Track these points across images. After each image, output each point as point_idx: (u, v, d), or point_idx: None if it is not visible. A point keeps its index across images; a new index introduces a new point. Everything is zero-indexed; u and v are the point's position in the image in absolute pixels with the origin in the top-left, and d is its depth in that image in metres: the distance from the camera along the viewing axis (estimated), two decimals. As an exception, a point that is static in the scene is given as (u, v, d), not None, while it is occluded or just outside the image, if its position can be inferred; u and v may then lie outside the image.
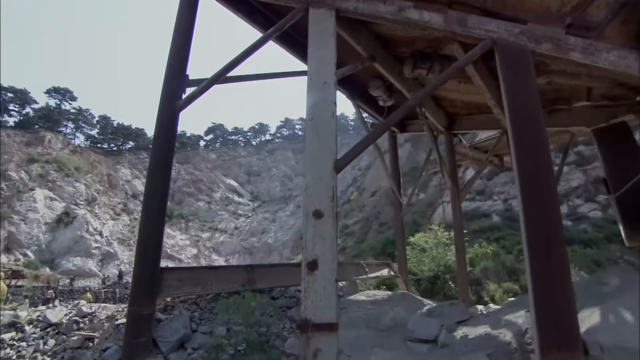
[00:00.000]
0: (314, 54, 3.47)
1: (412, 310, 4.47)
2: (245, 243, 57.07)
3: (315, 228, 2.90)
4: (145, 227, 3.24)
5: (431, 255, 17.33)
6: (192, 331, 3.19)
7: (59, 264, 39.81)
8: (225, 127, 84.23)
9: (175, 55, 4.07)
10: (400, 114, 3.29)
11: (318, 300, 2.77)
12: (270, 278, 4.24)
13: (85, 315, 3.41)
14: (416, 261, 15.87)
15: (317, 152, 3.07)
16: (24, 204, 42.35)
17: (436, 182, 34.92)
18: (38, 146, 50.37)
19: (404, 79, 5.28)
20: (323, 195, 2.97)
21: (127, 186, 58.57)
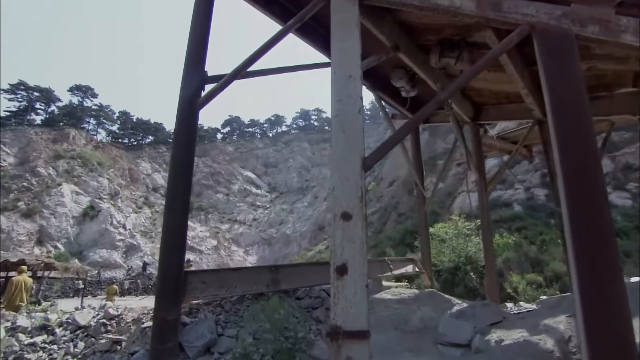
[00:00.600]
0: (337, 46, 3.29)
1: (441, 310, 4.31)
2: (263, 234, 57.72)
3: (343, 231, 2.77)
4: (168, 231, 3.18)
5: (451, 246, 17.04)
6: (217, 335, 3.14)
7: (86, 256, 41.31)
8: (241, 120, 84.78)
9: (193, 52, 3.96)
10: (431, 108, 3.09)
11: (348, 307, 2.65)
12: (294, 278, 4.16)
13: (112, 317, 3.42)
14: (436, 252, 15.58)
15: (344, 150, 2.92)
16: (53, 199, 43.97)
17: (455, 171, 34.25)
18: (63, 143, 51.96)
19: (429, 69, 5.04)
20: (351, 196, 2.83)
21: (148, 180, 59.93)
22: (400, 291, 5.09)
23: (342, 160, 2.91)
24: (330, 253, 2.78)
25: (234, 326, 3.30)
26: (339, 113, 3.04)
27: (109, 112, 68.78)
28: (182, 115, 3.64)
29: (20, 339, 3.02)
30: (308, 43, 5.02)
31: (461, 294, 16.45)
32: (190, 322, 3.17)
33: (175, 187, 3.33)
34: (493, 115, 6.40)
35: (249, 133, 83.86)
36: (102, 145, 58.79)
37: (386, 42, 4.35)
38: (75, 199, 46.31)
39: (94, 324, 3.30)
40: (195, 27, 4.08)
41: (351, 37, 3.26)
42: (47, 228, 41.57)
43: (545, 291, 14.45)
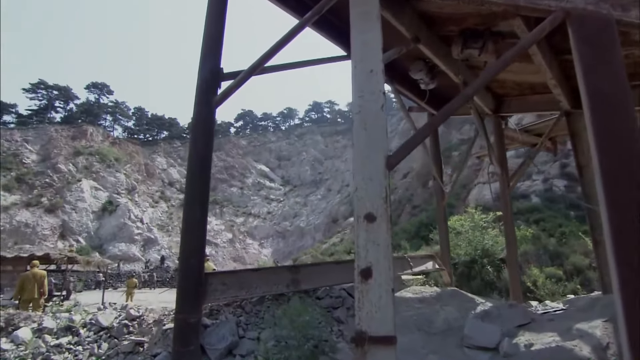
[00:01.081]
0: (357, 39, 3.16)
1: (465, 310, 4.19)
2: (278, 227, 58.10)
3: (367, 233, 2.67)
4: (187, 233, 3.14)
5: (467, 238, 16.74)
6: (239, 337, 3.11)
7: (106, 249, 42.40)
8: (254, 113, 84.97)
9: (208, 49, 3.88)
10: (458, 102, 2.94)
11: (374, 312, 2.57)
12: (314, 278, 4.10)
13: (133, 318, 3.43)
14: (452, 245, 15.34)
15: (367, 148, 2.81)
16: (74, 194, 45.15)
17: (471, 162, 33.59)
18: (82, 139, 53.14)
19: (450, 61, 4.84)
20: (375, 197, 2.72)
21: (164, 174, 60.88)
22: (422, 289, 4.98)
23: (365, 159, 2.80)
24: (355, 255, 2.69)
25: (255, 328, 3.26)
26: (360, 109, 2.92)
27: (125, 108, 69.91)
28: (198, 114, 3.58)
29: (47, 340, 3.06)
30: (324, 36, 4.88)
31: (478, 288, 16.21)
32: (212, 324, 3.14)
33: (193, 189, 3.29)
34: (516, 107, 6.15)
35: (262, 127, 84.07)
36: (119, 141, 59.88)
37: (406, 33, 4.18)
38: (94, 194, 47.43)
39: (117, 325, 3.31)
40: (210, 24, 3.99)
41: (372, 30, 3.13)
42: (69, 223, 42.79)
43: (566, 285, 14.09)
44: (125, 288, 22.17)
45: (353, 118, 2.94)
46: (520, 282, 16.28)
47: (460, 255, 15.07)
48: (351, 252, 32.97)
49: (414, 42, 4.27)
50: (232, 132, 79.89)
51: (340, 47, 5.20)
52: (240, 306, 3.54)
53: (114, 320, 3.39)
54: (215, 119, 3.67)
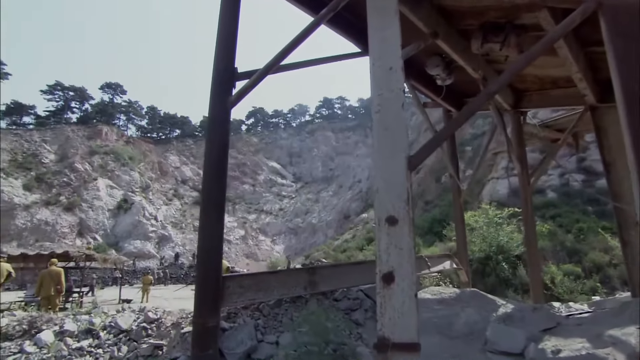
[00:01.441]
0: (375, 36, 3.06)
1: (486, 312, 4.07)
2: (290, 224, 58.28)
3: (389, 236, 2.59)
4: (204, 236, 3.11)
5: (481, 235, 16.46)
6: (257, 341, 3.08)
7: (122, 247, 43.21)
8: (265, 111, 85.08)
9: (222, 49, 3.82)
10: (482, 100, 2.82)
11: (396, 317, 2.49)
12: (331, 280, 4.04)
13: (152, 321, 3.43)
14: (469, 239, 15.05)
15: (388, 149, 2.72)
16: (90, 193, 46.09)
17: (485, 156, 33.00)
18: (97, 139, 54.12)
19: (469, 56, 4.70)
20: (396, 199, 2.63)
21: (177, 172, 61.60)
22: (440, 290, 4.87)
23: (386, 159, 2.71)
24: (376, 260, 2.62)
25: (273, 331, 3.23)
26: (380, 108, 2.83)
27: (138, 107, 70.82)
28: (213, 116, 3.54)
29: (68, 343, 3.08)
30: (339, 33, 4.79)
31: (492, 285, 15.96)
32: (230, 328, 3.12)
33: (210, 192, 3.25)
34: (536, 102, 5.95)
35: (273, 124, 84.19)
36: (133, 140, 60.79)
37: (424, 28, 4.06)
38: (109, 192, 48.32)
39: (135, 328, 3.32)
40: (223, 23, 3.94)
41: (390, 26, 3.03)
42: (86, 220, 43.73)
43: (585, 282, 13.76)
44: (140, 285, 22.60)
45: (372, 117, 2.86)
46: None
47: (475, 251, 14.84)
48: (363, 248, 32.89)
49: (432, 37, 4.14)
50: (243, 130, 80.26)
51: (355, 44, 5.11)
52: (258, 309, 3.51)
53: (133, 323, 3.41)
54: (230, 119, 3.63)
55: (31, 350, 2.90)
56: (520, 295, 14.89)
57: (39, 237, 38.88)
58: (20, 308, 7.11)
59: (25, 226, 39.22)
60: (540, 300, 5.33)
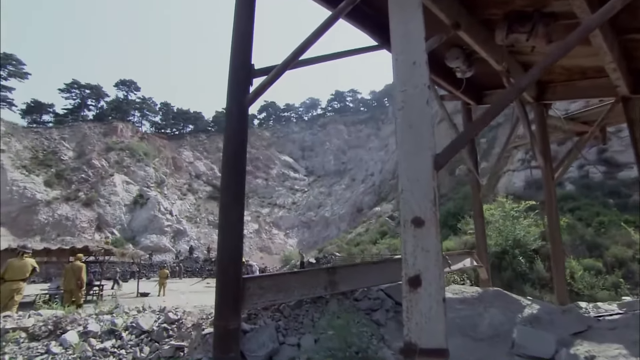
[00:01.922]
0: (397, 30, 2.93)
1: (511, 313, 3.95)
2: (303, 217, 58.46)
3: (415, 238, 2.50)
4: (224, 237, 3.07)
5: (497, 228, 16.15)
6: (279, 344, 3.04)
7: (139, 241, 44.08)
8: (277, 105, 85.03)
9: (238, 46, 3.74)
10: (512, 94, 2.68)
11: (424, 323, 2.41)
12: (351, 279, 3.98)
13: (172, 322, 3.44)
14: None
15: (413, 147, 2.61)
16: (107, 189, 47.06)
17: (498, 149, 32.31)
18: (113, 135, 55.07)
19: (491, 47, 4.51)
20: (423, 199, 2.54)
21: (190, 167, 62.30)
22: (462, 289, 4.77)
23: (411, 158, 2.61)
24: (402, 263, 2.54)
25: (294, 333, 3.19)
26: (404, 105, 2.72)
27: (152, 104, 71.65)
28: (231, 115, 3.47)
29: (92, 344, 3.11)
30: (356, 26, 4.67)
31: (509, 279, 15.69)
32: (251, 330, 3.09)
33: (229, 192, 3.20)
34: (562, 93, 5.71)
35: (285, 118, 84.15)
36: (147, 136, 61.63)
37: (446, 20, 3.90)
38: (126, 188, 49.23)
39: (157, 329, 3.33)
40: (239, 19, 3.85)
41: (413, 19, 2.89)
42: (104, 216, 44.73)
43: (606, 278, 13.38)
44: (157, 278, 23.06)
45: (395, 114, 2.76)
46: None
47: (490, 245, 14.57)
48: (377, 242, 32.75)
49: (454, 29, 3.98)
50: (255, 125, 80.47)
51: (372, 37, 4.98)
52: (279, 310, 3.48)
53: (154, 324, 3.42)
54: (247, 118, 3.56)
55: (57, 351, 2.93)
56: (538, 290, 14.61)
57: (60, 232, 40.02)
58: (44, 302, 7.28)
59: (47, 221, 40.41)
60: (565, 300, 5.16)
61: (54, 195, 43.01)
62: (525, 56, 4.78)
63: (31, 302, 12.22)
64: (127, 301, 16.13)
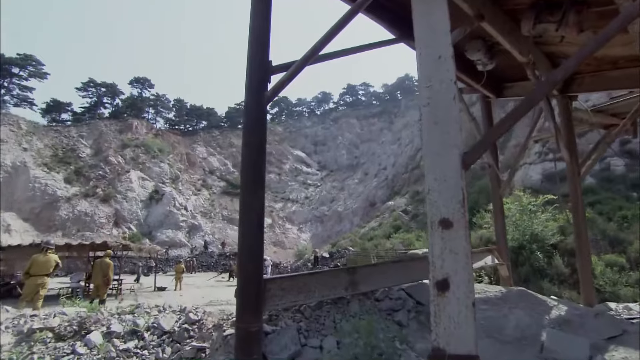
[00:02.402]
0: (421, 22, 2.82)
1: (537, 315, 3.83)
2: (316, 212, 58.53)
3: (443, 241, 2.41)
4: (244, 239, 3.03)
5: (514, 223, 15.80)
6: (301, 346, 3.00)
7: (155, 236, 44.90)
8: (289, 99, 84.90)
9: (256, 41, 3.67)
10: (544, 88, 2.54)
11: (452, 328, 2.33)
12: (372, 279, 3.91)
13: (193, 322, 3.44)
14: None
15: (439, 145, 2.51)
16: (124, 185, 48.00)
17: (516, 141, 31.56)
18: (128, 132, 55.99)
19: (516, 38, 4.33)
20: (450, 200, 2.44)
21: (204, 163, 62.94)
22: (484, 288, 4.65)
23: (438, 157, 2.51)
24: (430, 266, 2.46)
25: (316, 335, 3.15)
26: (429, 101, 2.61)
27: (165, 100, 72.50)
28: (249, 114, 3.41)
29: (116, 344, 3.13)
30: (374, 20, 4.54)
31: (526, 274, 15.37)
32: (272, 331, 3.06)
33: (248, 193, 3.16)
34: (589, 84, 5.46)
35: (297, 112, 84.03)
36: (161, 133, 62.43)
37: (469, 10, 3.75)
38: (141, 184, 50.09)
39: (178, 329, 3.34)
40: (256, 14, 3.78)
41: (438, 11, 2.77)
42: (121, 211, 45.68)
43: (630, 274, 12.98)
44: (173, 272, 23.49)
45: (421, 111, 2.66)
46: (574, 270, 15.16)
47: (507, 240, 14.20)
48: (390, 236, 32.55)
49: (478, 20, 3.82)
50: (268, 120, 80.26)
51: (390, 31, 4.86)
52: (300, 311, 3.44)
53: (175, 324, 3.43)
54: (266, 117, 3.49)
55: (82, 352, 2.96)
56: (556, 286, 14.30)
57: (80, 227, 41.10)
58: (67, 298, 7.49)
59: (67, 217, 41.54)
60: (592, 300, 4.98)
61: (73, 191, 44.12)
62: (553, 47, 4.57)
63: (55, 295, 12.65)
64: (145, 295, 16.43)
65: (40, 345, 3.06)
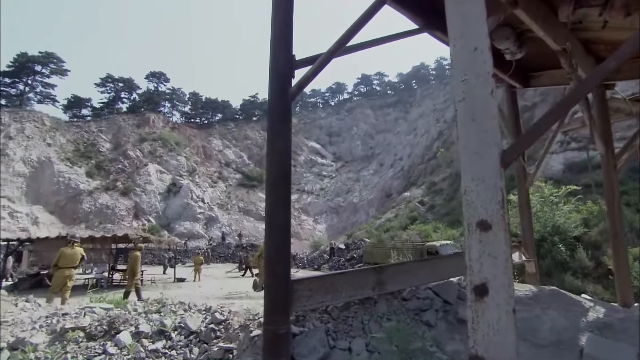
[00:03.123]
0: (454, 11, 2.65)
1: (573, 317, 3.67)
2: (331, 203, 58.53)
3: (481, 244, 2.28)
4: (271, 239, 2.97)
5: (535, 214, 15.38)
6: (329, 348, 2.95)
7: (173, 228, 45.85)
8: (303, 91, 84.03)
9: (279, 36, 3.55)
10: (596, 79, 2.36)
11: (491, 335, 2.22)
12: (399, 278, 3.81)
13: (219, 322, 3.43)
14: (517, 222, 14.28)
15: (477, 143, 2.37)
16: (142, 178, 49.02)
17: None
18: (145, 127, 56.94)
19: (551, 25, 4.08)
20: (489, 201, 2.31)
21: (220, 155, 63.55)
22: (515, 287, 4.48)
23: (475, 155, 2.37)
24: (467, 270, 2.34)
25: (344, 336, 3.09)
26: (465, 96, 2.46)
27: (181, 94, 73.23)
28: (274, 111, 3.32)
29: (145, 344, 3.15)
30: (398, 10, 4.37)
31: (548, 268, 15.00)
32: (300, 333, 3.01)
33: (275, 192, 3.08)
34: (627, 72, 5.14)
35: (311, 103, 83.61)
36: (178, 126, 63.24)
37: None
38: (159, 177, 51.04)
39: (204, 329, 3.34)
40: (278, 7, 3.67)
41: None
42: (140, 204, 46.75)
43: (660, 268, 12.49)
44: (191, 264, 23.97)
45: (456, 107, 2.51)
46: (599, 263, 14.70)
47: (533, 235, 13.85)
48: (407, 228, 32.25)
49: (511, 7, 3.61)
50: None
51: (413, 21, 4.68)
52: (327, 311, 3.38)
53: (201, 324, 3.43)
54: (291, 114, 3.39)
55: (113, 352, 3.00)
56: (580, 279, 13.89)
57: (102, 220, 42.33)
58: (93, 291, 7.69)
59: (90, 210, 42.83)
60: (629, 300, 4.75)
61: (94, 185, 45.35)
62: (591, 33, 4.30)
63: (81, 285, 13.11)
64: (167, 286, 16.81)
65: (73, 344, 3.11)
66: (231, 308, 3.75)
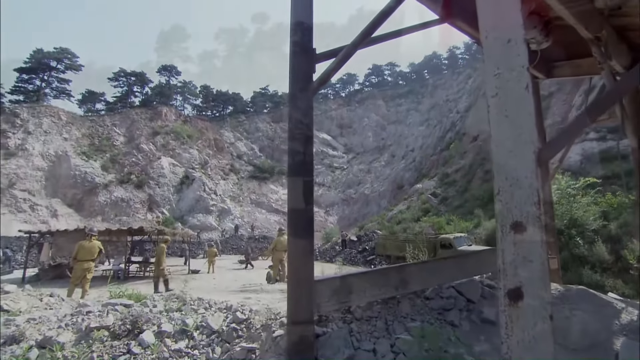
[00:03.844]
0: (487, 0, 2.52)
1: (605, 319, 3.53)
2: (342, 195, 58.46)
3: (515, 246, 2.18)
4: (294, 239, 2.92)
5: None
6: (354, 349, 2.90)
7: (186, 220, 46.48)
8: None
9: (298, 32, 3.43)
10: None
11: (527, 341, 2.13)
12: (422, 277, 3.73)
13: (241, 321, 3.42)
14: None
15: (511, 141, 2.25)
16: (156, 171, 49.68)
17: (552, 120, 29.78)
18: (158, 120, 57.48)
19: (583, 12, 3.87)
20: (524, 202, 2.19)
21: (232, 148, 63.89)
22: (539, 285, 4.36)
23: (509, 154, 2.25)
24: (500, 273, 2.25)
25: (368, 337, 3.03)
26: (498, 91, 2.33)
27: (192, 87, 73.58)
28: (295, 107, 3.22)
29: (168, 344, 3.16)
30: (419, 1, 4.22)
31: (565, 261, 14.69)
32: (323, 334, 2.97)
33: (296, 191, 3.02)
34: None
35: (322, 95, 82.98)
36: (190, 119, 63.67)
37: (532, -17, 3.36)
38: (172, 170, 51.65)
39: (226, 329, 3.33)
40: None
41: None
42: (154, 197, 47.47)
43: (682, 265, 12.11)
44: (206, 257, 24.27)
45: (489, 102, 2.39)
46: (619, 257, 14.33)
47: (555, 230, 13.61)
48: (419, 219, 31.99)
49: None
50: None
51: (433, 11, 4.52)
52: (350, 311, 3.33)
53: (223, 323, 3.42)
54: (312, 111, 3.30)
55: (137, 351, 3.01)
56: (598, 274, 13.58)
57: (117, 212, 43.18)
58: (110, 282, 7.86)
59: (106, 203, 43.71)
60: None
61: (110, 178, 46.18)
62: (629, 19, 4.08)
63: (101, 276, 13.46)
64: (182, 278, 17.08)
65: (98, 343, 3.14)
66: (252, 307, 3.74)
